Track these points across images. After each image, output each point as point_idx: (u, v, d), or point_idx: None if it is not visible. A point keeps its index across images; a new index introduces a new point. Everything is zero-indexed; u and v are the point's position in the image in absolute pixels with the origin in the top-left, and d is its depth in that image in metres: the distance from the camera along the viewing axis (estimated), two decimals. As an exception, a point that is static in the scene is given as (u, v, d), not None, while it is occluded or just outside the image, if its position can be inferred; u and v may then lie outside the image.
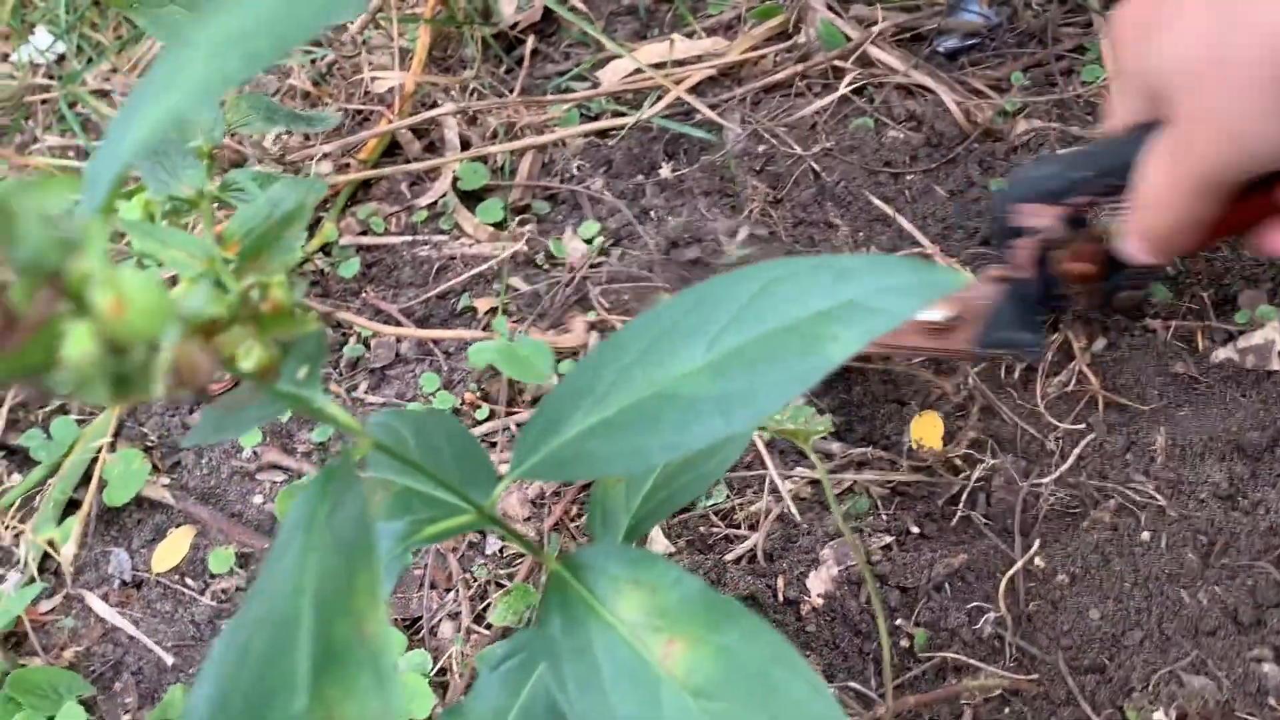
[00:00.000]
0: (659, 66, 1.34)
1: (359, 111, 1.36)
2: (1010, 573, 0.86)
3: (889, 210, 1.13)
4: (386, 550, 0.42)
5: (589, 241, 1.20)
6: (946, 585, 0.86)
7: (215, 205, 0.66)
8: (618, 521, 0.51)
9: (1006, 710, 0.79)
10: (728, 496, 0.93)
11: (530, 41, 1.44)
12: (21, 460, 1.11)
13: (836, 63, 1.26)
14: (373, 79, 1.31)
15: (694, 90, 1.31)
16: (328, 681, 0.29)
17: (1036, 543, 0.88)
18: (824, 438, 0.94)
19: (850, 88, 1.24)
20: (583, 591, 0.41)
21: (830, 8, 1.29)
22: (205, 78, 0.29)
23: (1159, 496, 0.90)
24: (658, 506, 0.50)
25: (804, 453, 0.96)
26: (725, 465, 0.52)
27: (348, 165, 1.29)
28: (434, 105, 1.35)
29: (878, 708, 0.79)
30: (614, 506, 0.51)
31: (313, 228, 1.25)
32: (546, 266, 1.18)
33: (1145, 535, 0.88)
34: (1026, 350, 0.86)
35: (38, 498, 1.07)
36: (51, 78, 1.55)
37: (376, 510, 0.46)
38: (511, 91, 1.39)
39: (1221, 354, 0.96)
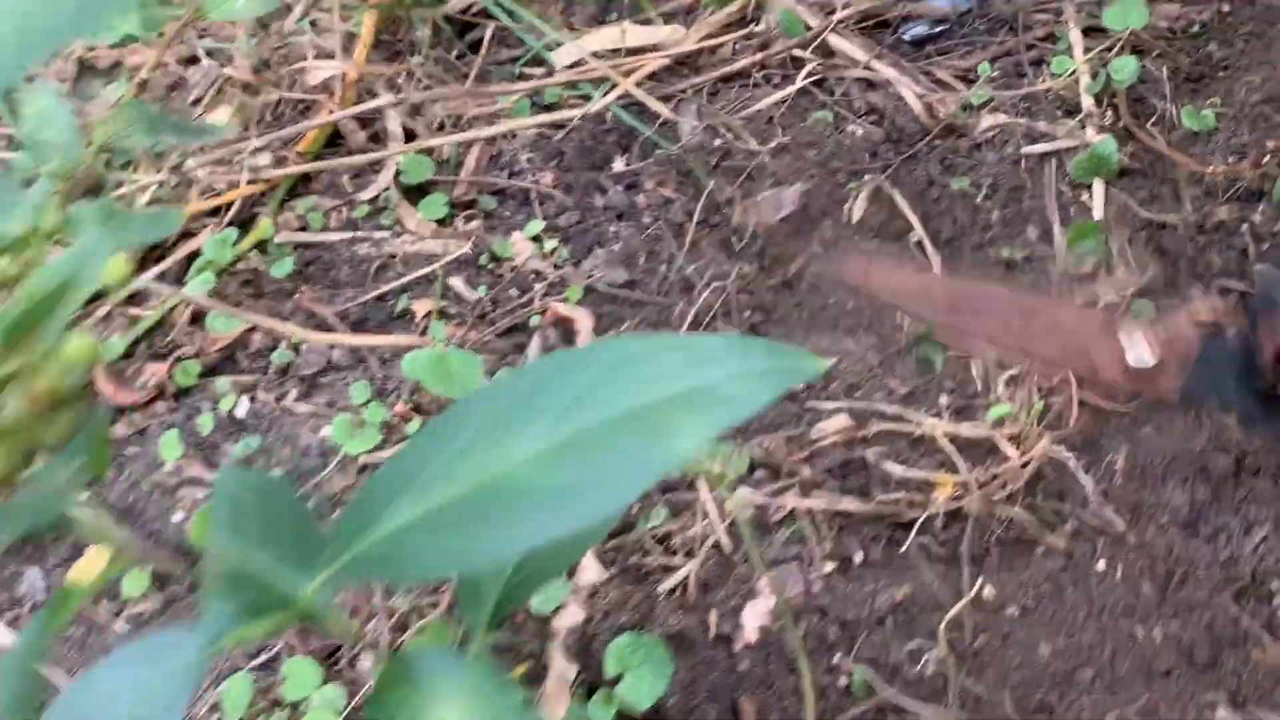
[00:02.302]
0: (614, 53, 1.28)
1: (300, 101, 1.30)
2: (957, 608, 0.81)
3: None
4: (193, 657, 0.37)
5: (536, 240, 1.14)
6: (890, 619, 0.82)
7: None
8: (485, 599, 0.46)
9: (948, 754, 0.75)
10: (665, 519, 0.88)
11: (485, 25, 1.38)
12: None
13: (796, 52, 1.20)
14: (310, 69, 1.25)
15: (651, 78, 1.26)
16: None
17: (984, 576, 0.84)
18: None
19: (810, 79, 1.18)
20: (410, 695, 0.37)
21: (791, -7, 1.23)
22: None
23: (1117, 521, 0.85)
24: (526, 581, 0.46)
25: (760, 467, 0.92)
26: (609, 525, 0.47)
27: (285, 158, 1.24)
28: (379, 94, 1.29)
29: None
30: (483, 583, 0.46)
31: (248, 224, 1.20)
32: (491, 267, 1.13)
33: (1101, 564, 0.84)
34: (1242, 418, 0.84)
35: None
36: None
37: (208, 587, 0.42)
38: (466, 78, 1.33)
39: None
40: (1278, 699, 0.74)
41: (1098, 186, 1.02)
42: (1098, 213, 1.01)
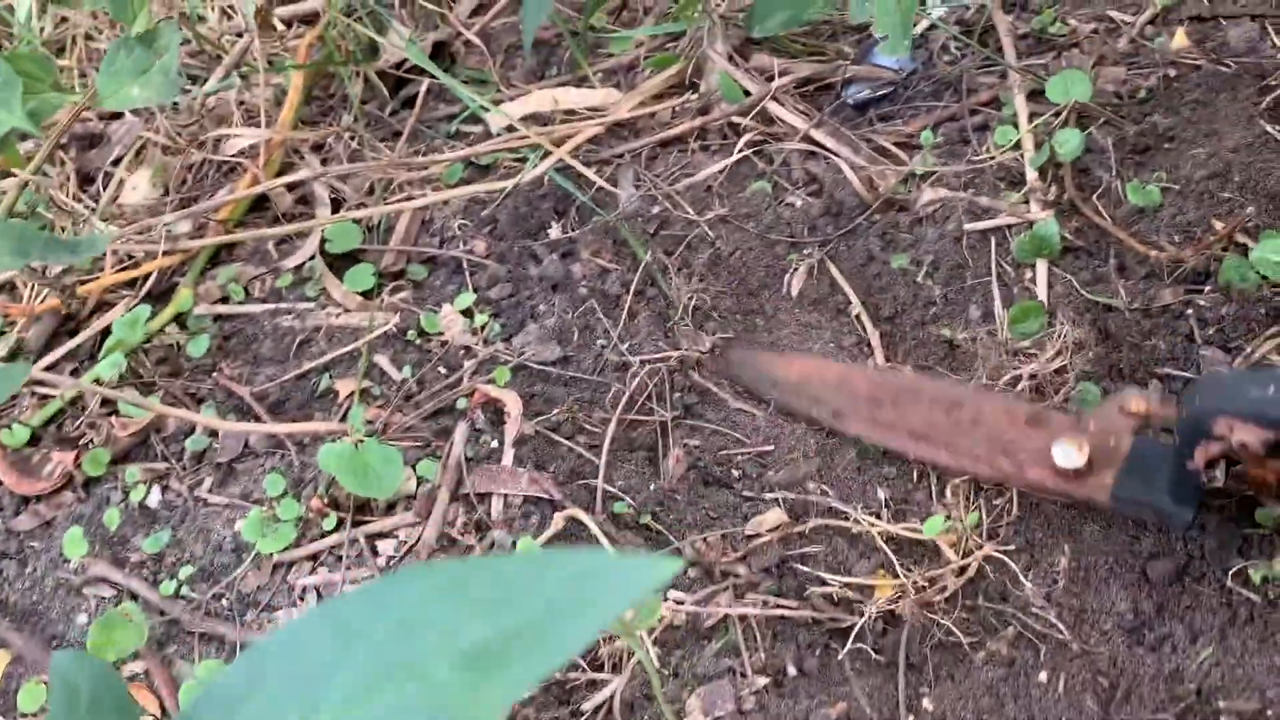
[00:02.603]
0: (551, 115, 1.24)
1: (225, 163, 1.26)
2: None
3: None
4: None
5: (466, 314, 1.10)
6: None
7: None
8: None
9: None
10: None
11: (420, 81, 1.34)
12: None
13: (735, 118, 1.17)
14: (232, 136, 1.20)
15: (590, 141, 1.22)
16: None
17: (923, 687, 0.80)
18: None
19: (750, 148, 1.15)
20: None
21: (731, 58, 1.19)
22: None
23: (1060, 626, 0.82)
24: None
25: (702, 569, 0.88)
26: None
27: (206, 225, 1.19)
28: (305, 156, 1.24)
29: None
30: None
31: (166, 295, 1.15)
32: (419, 343, 1.09)
33: (1043, 675, 0.80)
34: (1174, 521, 0.80)
35: None
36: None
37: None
38: (399, 135, 1.29)
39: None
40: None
41: (1040, 267, 0.99)
42: (1040, 294, 0.98)
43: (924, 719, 0.80)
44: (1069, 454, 0.81)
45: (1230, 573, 0.81)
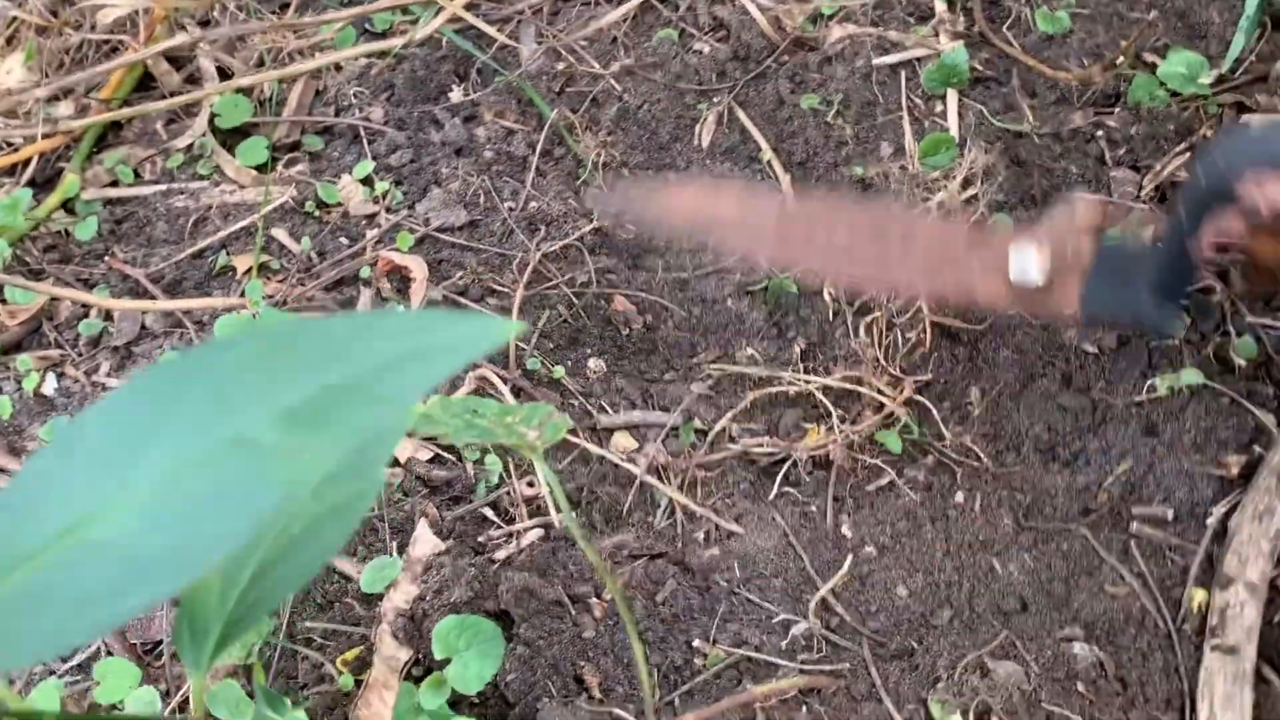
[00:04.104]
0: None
1: (104, 41, 1.19)
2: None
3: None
4: None
5: (366, 183, 1.06)
6: (753, 582, 0.77)
7: None
8: (207, 631, 0.40)
9: (804, 711, 0.72)
10: (501, 479, 0.83)
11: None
12: None
13: (636, -35, 1.12)
14: (106, 5, 1.14)
15: (487, -2, 1.17)
16: None
17: (844, 516, 0.80)
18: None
19: (652, -6, 1.10)
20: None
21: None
22: None
23: (977, 450, 0.82)
24: (256, 604, 0.40)
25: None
26: (341, 541, 0.41)
27: (89, 106, 1.13)
28: (188, 29, 1.18)
29: None
30: (202, 612, 0.40)
31: (52, 180, 1.09)
32: (318, 215, 1.05)
33: (960, 496, 0.80)
34: (1159, 325, 0.70)
35: None
36: None
37: None
38: (287, 8, 1.23)
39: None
40: (1131, 631, 0.71)
41: (951, 97, 0.97)
42: (951, 125, 0.96)
43: (845, 545, 0.79)
44: (1027, 260, 0.71)
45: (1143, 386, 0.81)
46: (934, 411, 0.84)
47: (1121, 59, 0.93)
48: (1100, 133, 0.94)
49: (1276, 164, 0.61)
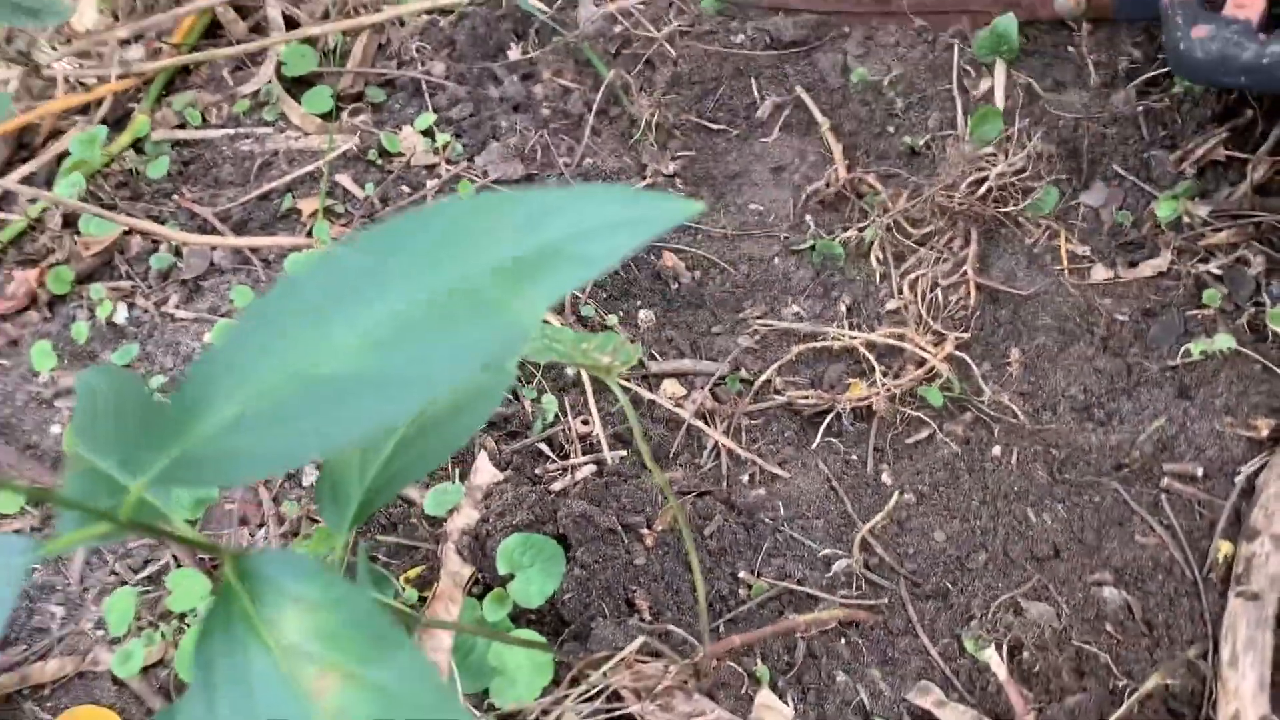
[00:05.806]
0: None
1: (175, -14, 1.22)
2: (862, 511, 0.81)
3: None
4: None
5: (427, 134, 1.09)
6: (796, 520, 0.81)
7: None
8: (348, 497, 0.44)
9: (843, 642, 0.75)
10: (556, 417, 0.86)
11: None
12: None
13: (696, -68, 1.15)
14: (180, -49, 1.17)
15: (547, -39, 1.20)
16: None
17: (885, 465, 0.84)
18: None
19: (710, -39, 1.13)
20: (247, 606, 0.34)
21: None
22: None
23: (1014, 408, 0.85)
24: (395, 477, 0.43)
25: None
26: (475, 427, 0.45)
27: (160, 50, 1.16)
28: (257, -20, 1.21)
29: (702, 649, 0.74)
30: (345, 479, 0.44)
31: (122, 121, 1.13)
32: (380, 163, 1.08)
33: (996, 450, 0.84)
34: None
35: None
36: None
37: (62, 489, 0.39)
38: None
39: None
40: (1159, 578, 0.75)
41: (999, 68, 0.99)
42: (998, 99, 0.99)
43: (884, 491, 0.83)
44: None
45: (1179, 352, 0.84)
46: (974, 369, 0.87)
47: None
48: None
49: None
